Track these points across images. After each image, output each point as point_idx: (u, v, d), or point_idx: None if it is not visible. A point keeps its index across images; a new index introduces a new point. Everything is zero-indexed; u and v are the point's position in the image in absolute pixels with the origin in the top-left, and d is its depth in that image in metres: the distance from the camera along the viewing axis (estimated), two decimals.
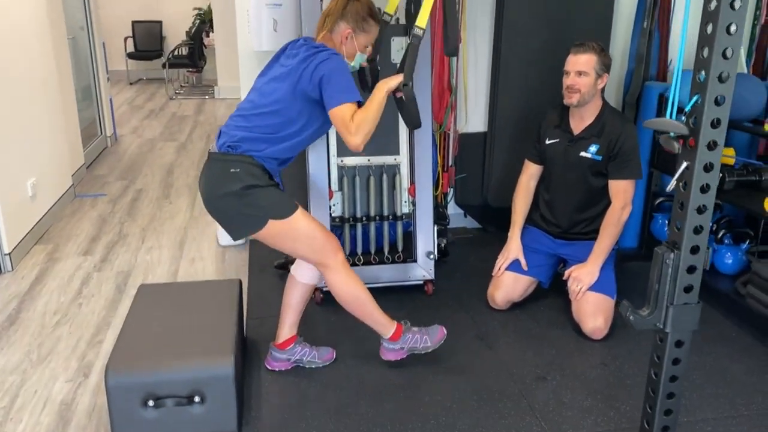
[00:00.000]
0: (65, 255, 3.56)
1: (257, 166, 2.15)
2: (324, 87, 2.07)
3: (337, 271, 2.27)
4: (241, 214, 2.15)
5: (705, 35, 1.41)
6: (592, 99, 2.76)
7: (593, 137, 2.79)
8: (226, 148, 2.16)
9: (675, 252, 1.54)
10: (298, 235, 2.22)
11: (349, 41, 2.22)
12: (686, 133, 1.47)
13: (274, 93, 2.16)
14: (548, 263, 3.00)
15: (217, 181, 2.16)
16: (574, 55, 2.73)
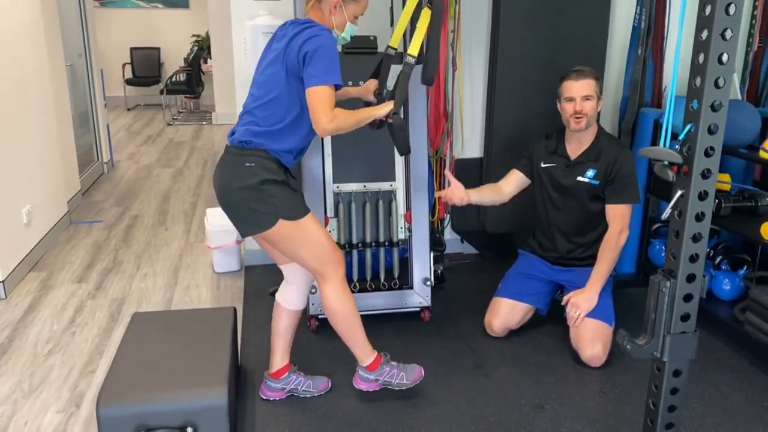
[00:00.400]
0: (59, 282, 3.53)
1: (272, 160, 2.14)
2: (306, 64, 2.04)
3: (335, 285, 2.26)
4: (253, 210, 2.13)
5: (697, 64, 1.42)
6: (593, 123, 2.78)
7: (590, 162, 2.80)
8: (239, 142, 2.15)
9: (671, 280, 1.53)
10: (306, 240, 2.20)
11: (338, 11, 2.17)
12: (680, 161, 1.47)
13: (269, 80, 2.14)
14: (545, 290, 2.98)
15: (231, 175, 2.15)
16: (576, 81, 2.73)
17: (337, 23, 2.19)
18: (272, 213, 2.12)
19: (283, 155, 2.17)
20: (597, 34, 3.48)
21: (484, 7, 3.50)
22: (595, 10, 3.44)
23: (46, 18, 4.29)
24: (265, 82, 2.15)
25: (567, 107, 2.76)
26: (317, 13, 2.18)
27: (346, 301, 2.28)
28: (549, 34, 3.39)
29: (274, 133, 2.13)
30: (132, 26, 9.96)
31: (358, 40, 3.01)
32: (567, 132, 2.85)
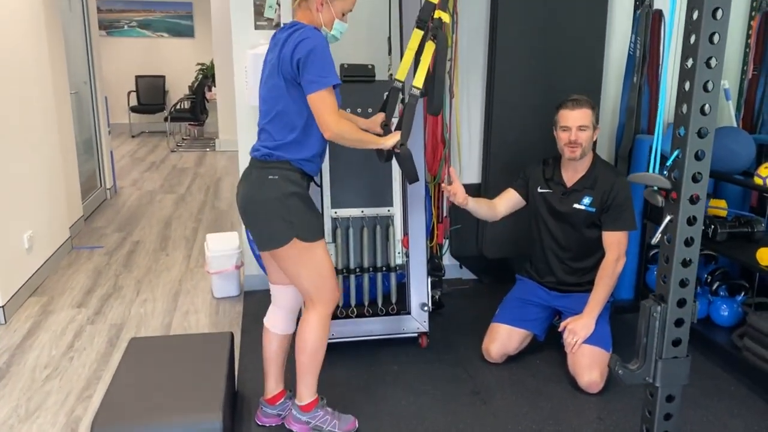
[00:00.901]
0: (59, 307, 3.55)
1: (295, 170, 2.16)
2: (302, 71, 2.03)
3: (321, 318, 2.25)
4: (272, 225, 2.14)
5: (683, 92, 1.44)
6: (589, 151, 2.81)
7: (586, 189, 2.82)
8: (262, 156, 2.16)
9: (662, 305, 1.54)
10: (312, 264, 2.20)
11: (325, 8, 2.15)
12: (669, 186, 1.49)
13: (272, 93, 2.14)
14: (543, 316, 2.98)
15: (255, 188, 2.16)
16: (571, 110, 2.76)
17: (324, 20, 2.17)
18: (289, 230, 2.13)
19: (305, 164, 2.18)
20: (593, 62, 3.53)
21: (481, 36, 3.57)
22: (591, 38, 3.49)
23: (51, 47, 4.37)
24: (269, 96, 2.16)
25: (562, 136, 2.80)
26: (305, 12, 2.17)
27: (323, 336, 2.27)
28: (545, 61, 3.44)
29: (290, 144, 2.14)
30: (138, 55, 10.13)
31: (357, 69, 3.07)
32: (563, 159, 2.87)
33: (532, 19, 3.38)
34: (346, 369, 2.87)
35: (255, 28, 3.40)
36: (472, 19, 3.53)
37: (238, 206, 2.24)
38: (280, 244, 2.15)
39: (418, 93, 2.34)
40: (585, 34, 3.47)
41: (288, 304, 2.39)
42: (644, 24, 3.41)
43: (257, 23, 3.40)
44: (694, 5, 1.38)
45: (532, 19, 3.38)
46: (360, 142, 2.23)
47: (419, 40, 2.38)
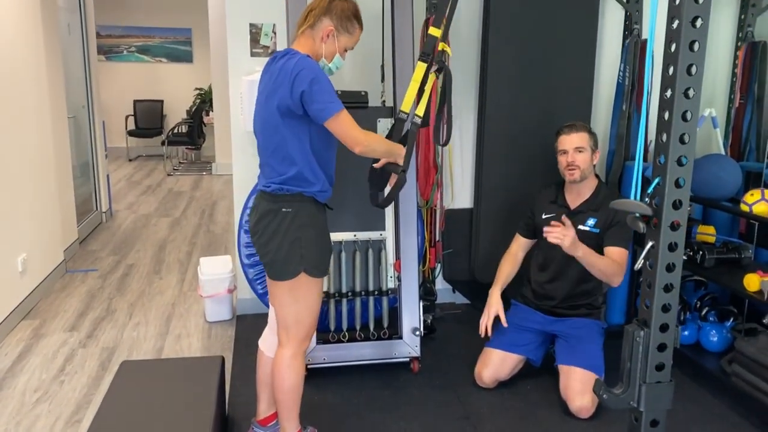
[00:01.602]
0: (51, 331, 3.54)
1: (309, 201, 2.14)
2: (308, 102, 2.02)
3: (296, 354, 2.22)
4: (284, 256, 2.11)
5: (663, 122, 1.48)
6: (590, 174, 2.86)
7: (591, 211, 2.86)
8: (273, 190, 2.13)
9: (645, 330, 1.56)
10: (306, 300, 2.19)
11: (330, 39, 2.16)
12: (650, 213, 1.52)
13: (266, 125, 2.12)
14: (538, 340, 2.99)
15: (268, 218, 2.12)
16: (567, 135, 2.85)
17: (326, 52, 2.18)
18: (299, 263, 2.12)
19: (317, 194, 2.16)
20: (583, 90, 3.59)
21: (473, 62, 3.63)
22: (581, 66, 3.56)
23: (50, 71, 4.42)
24: (265, 129, 2.14)
25: (561, 160, 2.88)
26: (307, 41, 2.16)
27: (299, 373, 2.23)
28: (536, 89, 3.50)
29: (294, 178, 2.11)
30: (136, 79, 10.23)
31: (350, 95, 3.12)
32: (566, 183, 2.93)
33: (522, 47, 3.45)
34: (337, 394, 2.87)
35: (251, 55, 3.45)
36: (463, 45, 3.60)
37: (251, 237, 2.21)
38: (289, 276, 2.14)
39: (419, 121, 2.39)
40: (575, 62, 3.54)
41: None
42: (633, 53, 3.48)
43: (253, 50, 3.45)
44: (672, 38, 1.43)
45: (522, 47, 3.45)
46: (390, 153, 2.26)
47: (423, 72, 2.43)
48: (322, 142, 2.15)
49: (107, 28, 9.99)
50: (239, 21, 3.42)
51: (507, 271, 3.07)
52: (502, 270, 3.08)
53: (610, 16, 3.66)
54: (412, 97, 2.45)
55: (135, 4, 10.00)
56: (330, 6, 2.16)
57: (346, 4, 2.20)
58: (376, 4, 3.23)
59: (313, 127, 2.11)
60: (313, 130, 2.11)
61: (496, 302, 2.97)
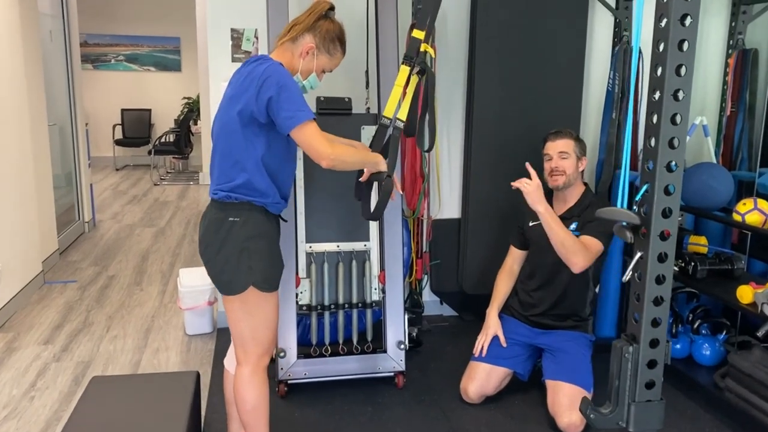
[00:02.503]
0: (24, 344, 3.43)
1: (258, 210, 2.03)
2: (275, 110, 1.92)
3: (257, 372, 2.11)
4: (231, 269, 2.01)
5: (651, 125, 1.41)
6: (576, 181, 2.80)
7: (574, 217, 2.80)
8: (221, 197, 2.02)
9: (634, 345, 1.47)
10: (260, 315, 2.07)
11: (309, 57, 2.09)
12: (638, 222, 1.44)
13: (224, 129, 2.01)
14: (525, 353, 2.90)
15: (215, 229, 2.01)
16: (553, 141, 2.81)
17: (303, 68, 2.11)
18: (247, 276, 2.01)
19: (269, 205, 2.06)
20: (572, 98, 3.53)
21: (460, 69, 3.56)
22: (570, 75, 3.49)
23: (30, 78, 4.32)
24: (222, 132, 2.03)
25: (546, 165, 2.82)
26: (285, 52, 2.10)
27: (263, 391, 2.12)
28: (524, 97, 3.43)
29: (243, 186, 2.01)
30: (124, 88, 10.13)
31: (334, 102, 3.04)
32: (554, 192, 2.86)
33: (510, 54, 3.38)
34: (318, 410, 2.77)
35: (232, 61, 3.37)
36: (450, 52, 3.54)
37: (199, 247, 2.12)
38: (238, 291, 2.02)
39: (401, 126, 2.31)
40: (564, 69, 3.47)
41: None
42: (622, 60, 3.43)
43: (234, 56, 3.37)
44: (660, 37, 1.36)
45: (510, 54, 3.38)
46: (363, 163, 2.16)
47: (406, 76, 2.35)
48: (279, 154, 2.05)
49: (95, 36, 9.90)
50: (220, 26, 3.35)
51: (504, 289, 3.00)
52: (498, 288, 3.00)
53: (599, 23, 3.61)
54: (395, 103, 2.38)
55: (123, 13, 9.92)
56: (315, 24, 2.10)
57: (332, 25, 2.14)
58: (360, 8, 3.16)
59: (272, 136, 2.01)
60: (273, 139, 2.02)
61: (494, 324, 2.91)
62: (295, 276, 2.92)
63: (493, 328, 2.89)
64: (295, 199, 2.95)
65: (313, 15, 2.11)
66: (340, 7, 3.41)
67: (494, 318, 2.92)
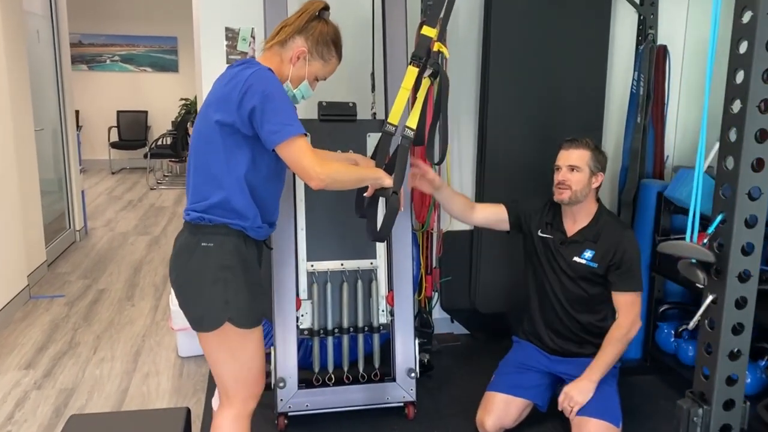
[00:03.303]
0: (4, 369, 3.18)
1: (235, 234, 1.77)
2: (259, 121, 1.69)
3: (238, 418, 1.87)
4: (203, 303, 1.76)
5: (728, 143, 1.15)
6: (585, 199, 2.52)
7: (588, 242, 2.52)
8: (193, 218, 1.79)
9: (704, 407, 1.22)
10: (240, 355, 1.81)
11: (301, 62, 1.87)
12: (711, 260, 1.19)
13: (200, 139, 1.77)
14: (544, 383, 2.65)
15: (185, 257, 1.78)
16: (566, 150, 2.51)
17: (294, 75, 1.88)
18: (222, 311, 1.75)
19: (249, 229, 1.81)
20: (593, 101, 3.27)
21: (472, 72, 3.30)
22: (591, 76, 3.24)
23: (13, 81, 4.07)
24: (198, 143, 1.79)
25: (555, 175, 2.54)
26: (274, 57, 1.87)
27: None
28: (542, 100, 3.18)
29: (218, 206, 1.76)
30: (120, 90, 9.90)
31: (337, 107, 2.79)
32: (562, 206, 2.60)
33: (527, 54, 3.13)
34: None
35: (227, 62, 3.12)
36: (462, 52, 3.27)
37: (170, 277, 1.87)
38: (211, 327, 1.77)
39: (412, 135, 2.04)
40: (585, 70, 3.22)
41: None
42: (648, 60, 3.18)
43: (230, 57, 3.12)
44: (743, 35, 1.10)
45: (527, 54, 3.13)
46: (361, 180, 1.92)
47: (414, 78, 2.09)
48: (265, 170, 1.81)
49: (90, 36, 9.66)
50: (214, 25, 3.10)
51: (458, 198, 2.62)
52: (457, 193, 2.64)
53: (621, 20, 3.35)
54: (401, 107, 2.11)
55: (119, 12, 9.66)
56: (308, 25, 1.87)
57: (327, 27, 1.91)
58: (365, 6, 2.91)
59: (258, 150, 1.76)
60: (258, 153, 1.77)
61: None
62: (295, 298, 2.67)
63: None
64: (295, 213, 2.70)
65: (305, 15, 1.88)
66: (343, 3, 3.17)
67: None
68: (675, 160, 3.49)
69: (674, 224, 3.06)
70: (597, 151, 2.52)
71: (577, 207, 2.54)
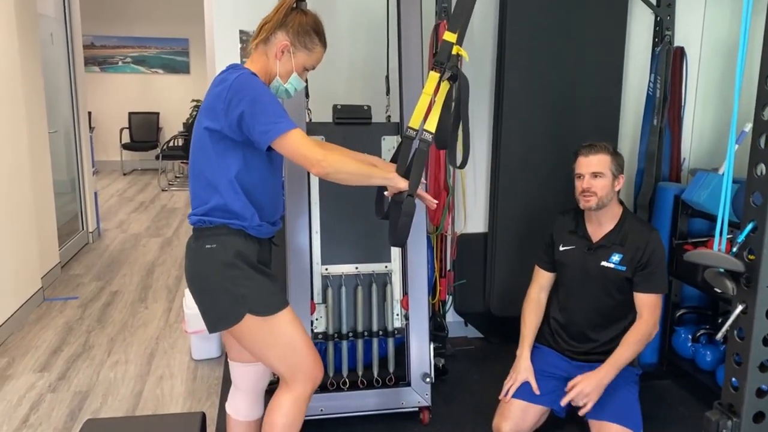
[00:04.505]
0: (19, 371, 3.18)
1: (237, 234, 1.82)
2: (250, 126, 1.72)
3: (296, 399, 1.91)
4: (218, 301, 1.82)
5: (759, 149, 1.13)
6: (610, 202, 2.50)
7: (615, 245, 2.50)
8: (195, 222, 1.86)
9: (733, 420, 1.19)
10: (276, 341, 1.86)
11: (286, 56, 1.88)
12: (741, 269, 1.16)
13: (195, 144, 1.83)
14: (562, 389, 2.61)
15: (193, 261, 1.85)
16: (585, 157, 2.49)
17: (281, 71, 1.90)
18: (239, 305, 1.80)
19: (249, 228, 1.85)
20: (609, 103, 3.25)
21: (487, 75, 3.28)
22: (607, 78, 3.22)
23: (27, 84, 4.08)
24: (194, 148, 1.85)
25: (577, 184, 2.53)
26: (260, 57, 1.90)
27: (294, 422, 1.93)
28: (557, 102, 3.16)
29: (217, 209, 1.82)
30: (131, 91, 9.93)
31: (351, 110, 2.78)
32: (586, 212, 2.57)
33: (542, 56, 3.11)
34: None
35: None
36: (476, 53, 3.25)
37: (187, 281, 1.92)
38: (230, 323, 1.82)
39: (430, 138, 2.03)
40: (600, 73, 3.20)
41: (250, 386, 2.06)
42: (664, 62, 3.14)
43: (243, 59, 3.12)
44: None
45: (542, 56, 3.11)
46: (369, 176, 1.91)
47: (435, 83, 2.08)
48: (257, 171, 1.85)
49: (102, 38, 9.70)
50: (228, 28, 3.10)
51: (533, 324, 2.68)
52: (526, 323, 2.69)
53: (637, 21, 3.31)
54: (422, 112, 2.09)
55: (131, 14, 9.70)
56: (285, 19, 1.89)
57: (305, 17, 1.91)
58: (380, 8, 2.90)
59: (250, 151, 1.81)
60: (249, 156, 1.82)
61: (525, 369, 2.58)
62: (310, 302, 2.66)
63: (524, 374, 2.57)
64: (310, 217, 2.69)
65: (283, 9, 1.90)
66: (358, 5, 3.16)
67: (526, 361, 2.59)
68: (691, 162, 3.46)
69: (691, 227, 3.03)
70: (615, 154, 2.51)
71: (602, 212, 2.52)
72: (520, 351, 2.66)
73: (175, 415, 2.51)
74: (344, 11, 3.16)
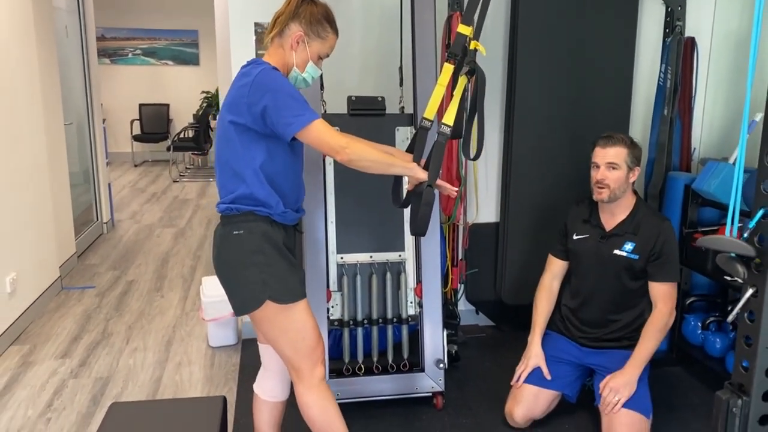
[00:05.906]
0: (41, 358, 3.26)
1: (263, 220, 1.91)
2: (274, 120, 1.81)
3: (310, 387, 1.98)
4: (243, 286, 1.91)
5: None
6: (623, 194, 2.54)
7: (628, 234, 2.55)
8: (223, 210, 1.94)
9: (743, 398, 1.24)
10: (289, 328, 1.94)
11: (301, 47, 1.95)
12: (752, 254, 1.21)
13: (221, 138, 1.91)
14: (574, 374, 2.68)
15: (221, 247, 1.94)
16: (603, 148, 2.53)
17: (298, 61, 1.96)
18: (262, 291, 1.88)
19: (275, 215, 1.93)
20: (620, 93, 3.28)
21: (499, 66, 3.32)
22: (618, 68, 3.24)
23: (44, 76, 4.15)
24: (219, 140, 1.93)
25: (592, 174, 2.57)
26: (277, 50, 1.97)
27: (326, 406, 2.00)
28: (569, 93, 3.19)
29: (244, 198, 1.90)
30: (142, 83, 9.99)
31: (365, 101, 2.82)
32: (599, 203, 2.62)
33: (554, 46, 3.14)
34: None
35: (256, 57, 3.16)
36: (488, 43, 3.27)
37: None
38: (253, 308, 1.90)
39: (448, 131, 2.08)
40: (612, 64, 3.22)
41: (278, 366, 2.12)
42: (675, 52, 3.17)
43: (258, 52, 3.16)
44: None
45: (554, 46, 3.14)
46: (390, 166, 1.98)
47: (450, 75, 2.12)
48: (281, 160, 1.93)
49: (112, 30, 9.75)
50: (244, 20, 3.14)
51: (545, 311, 2.75)
52: (538, 310, 2.75)
53: (648, 12, 3.34)
54: (437, 103, 2.14)
55: (140, 6, 9.75)
56: (297, 11, 1.95)
57: (316, 7, 1.98)
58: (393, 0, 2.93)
59: (272, 143, 1.89)
60: (274, 145, 1.89)
61: (536, 354, 2.65)
62: (326, 289, 2.71)
63: (534, 359, 2.64)
64: (325, 207, 2.74)
65: (293, 1, 1.96)
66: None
67: (537, 347, 2.67)
68: (702, 152, 3.49)
69: (701, 216, 3.06)
70: (633, 146, 2.55)
71: (616, 203, 2.57)
72: (532, 337, 2.71)
73: (197, 399, 2.59)
74: (357, 2, 3.20)
